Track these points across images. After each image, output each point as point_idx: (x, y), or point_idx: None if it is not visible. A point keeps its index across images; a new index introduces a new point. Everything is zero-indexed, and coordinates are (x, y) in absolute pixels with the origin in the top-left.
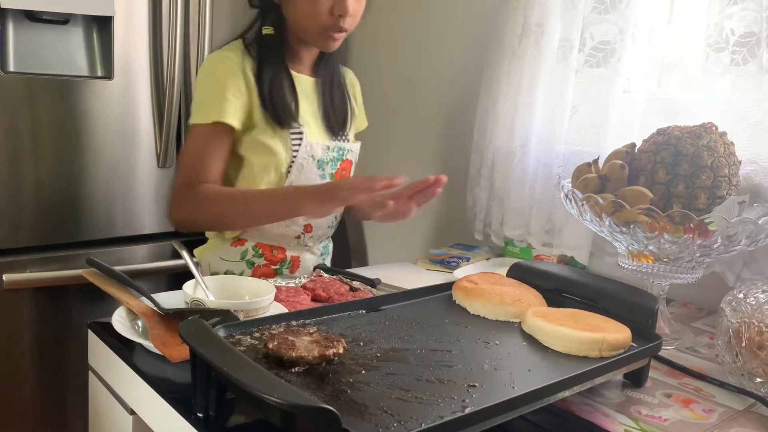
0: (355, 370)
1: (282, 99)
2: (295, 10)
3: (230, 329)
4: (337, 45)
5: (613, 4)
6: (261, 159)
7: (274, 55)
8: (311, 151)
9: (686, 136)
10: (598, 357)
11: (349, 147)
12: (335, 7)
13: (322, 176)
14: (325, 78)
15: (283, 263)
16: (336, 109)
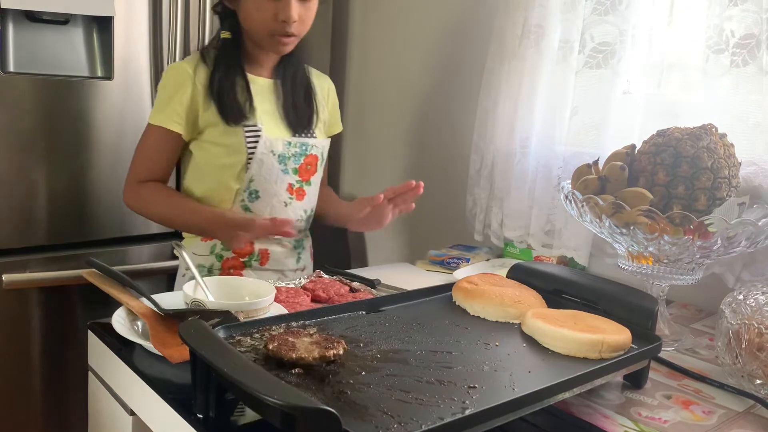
0: (355, 371)
1: (232, 98)
2: (246, 16)
3: (230, 330)
4: (288, 49)
5: (613, 6)
6: (216, 158)
7: (230, 58)
8: (270, 147)
9: (686, 138)
10: (598, 358)
11: (313, 143)
12: (279, 13)
13: (284, 171)
14: (286, 79)
15: (251, 256)
16: (298, 107)
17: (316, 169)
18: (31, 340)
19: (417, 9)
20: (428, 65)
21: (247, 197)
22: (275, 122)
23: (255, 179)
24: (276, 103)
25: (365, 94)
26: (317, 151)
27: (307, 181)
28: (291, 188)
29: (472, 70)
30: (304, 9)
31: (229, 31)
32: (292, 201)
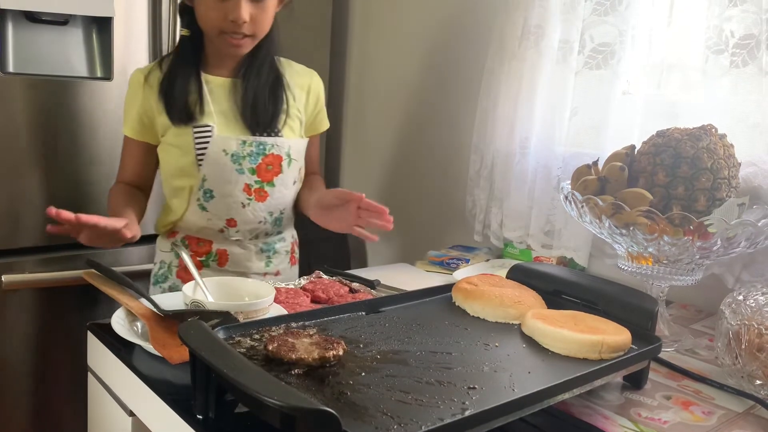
0: (355, 372)
1: (179, 99)
2: (199, 15)
3: (230, 331)
4: (242, 50)
5: (612, 6)
6: (171, 159)
7: (186, 57)
8: (223, 146)
9: (686, 138)
10: (597, 359)
11: (274, 142)
12: (229, 13)
13: (239, 170)
14: (248, 77)
15: (209, 256)
16: (259, 106)
17: (280, 169)
18: (29, 340)
19: (416, 10)
20: (428, 66)
21: (202, 196)
22: (231, 122)
23: (208, 178)
24: (234, 102)
25: (365, 95)
26: (280, 150)
27: (269, 182)
28: (249, 189)
29: (471, 71)
30: (258, 9)
31: (188, 28)
32: (251, 202)
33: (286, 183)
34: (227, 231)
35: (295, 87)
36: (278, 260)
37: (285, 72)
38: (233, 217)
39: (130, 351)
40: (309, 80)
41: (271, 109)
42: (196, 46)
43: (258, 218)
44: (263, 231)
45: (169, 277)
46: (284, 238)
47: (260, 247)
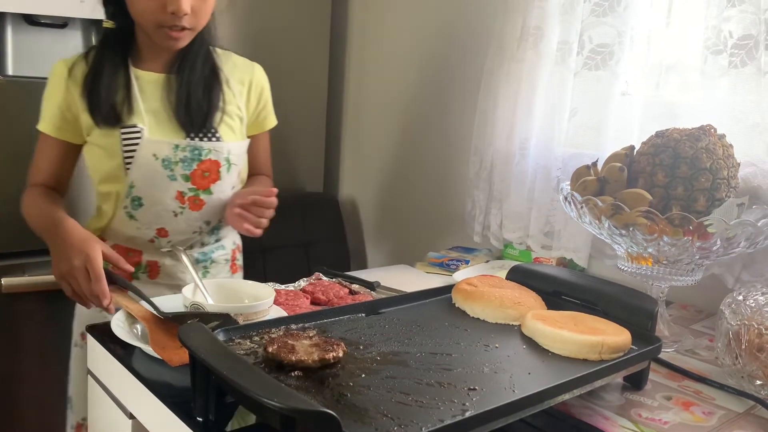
0: (355, 373)
1: (105, 98)
2: (132, 5)
3: (230, 333)
4: (181, 44)
5: (611, 7)
6: (97, 162)
7: (112, 52)
8: (154, 150)
9: (685, 139)
10: (598, 360)
11: (211, 147)
12: (168, 4)
13: (171, 177)
14: (182, 72)
15: (139, 267)
16: (192, 104)
17: (219, 176)
18: (29, 343)
19: (415, 11)
20: (427, 67)
21: (130, 204)
22: (163, 122)
23: (136, 185)
24: (166, 100)
25: (364, 97)
26: (218, 156)
27: (205, 190)
28: (182, 196)
29: (470, 72)
30: (199, 0)
31: (113, 20)
32: (184, 210)
33: (224, 190)
34: (158, 241)
35: (234, 82)
36: (216, 270)
37: (223, 65)
38: (164, 226)
39: (129, 353)
40: (250, 74)
41: (206, 107)
42: (124, 38)
43: (192, 228)
44: (198, 241)
45: None
46: (223, 246)
47: (195, 257)
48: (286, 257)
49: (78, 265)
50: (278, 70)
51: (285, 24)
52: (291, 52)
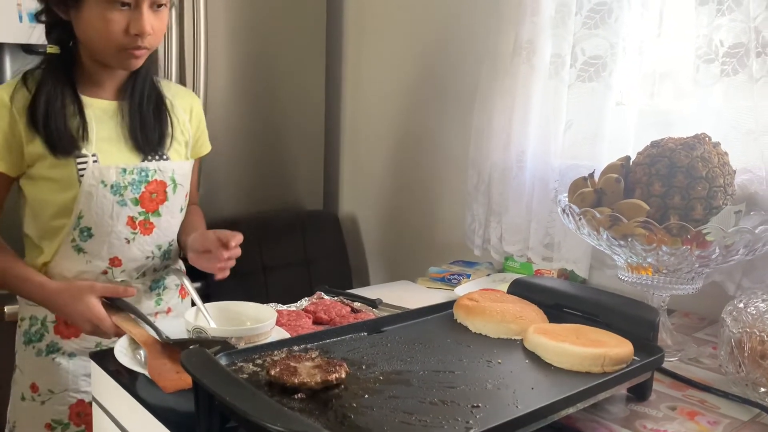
0: (358, 394)
1: (61, 126)
2: (86, 30)
3: (232, 357)
4: (139, 63)
5: (602, 20)
6: (46, 195)
7: (58, 78)
8: (101, 177)
9: (680, 148)
10: (600, 372)
11: (157, 167)
12: (131, 26)
13: (120, 203)
14: (133, 98)
15: None
16: (147, 128)
17: (165, 196)
18: None
19: (409, 28)
20: (423, 83)
21: (78, 236)
22: (116, 147)
23: (85, 215)
24: (119, 127)
25: (361, 114)
26: (164, 176)
27: (154, 212)
28: (133, 222)
29: (466, 87)
30: (157, 20)
31: (58, 44)
32: (136, 236)
33: (172, 211)
34: (111, 272)
35: (178, 108)
36: (168, 296)
37: (166, 92)
38: (117, 255)
39: (133, 379)
40: (190, 102)
41: (158, 130)
42: (68, 64)
43: (145, 253)
44: (151, 267)
45: (46, 335)
46: (176, 271)
47: (149, 285)
48: (288, 276)
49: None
50: (276, 89)
51: (282, 46)
52: (288, 71)
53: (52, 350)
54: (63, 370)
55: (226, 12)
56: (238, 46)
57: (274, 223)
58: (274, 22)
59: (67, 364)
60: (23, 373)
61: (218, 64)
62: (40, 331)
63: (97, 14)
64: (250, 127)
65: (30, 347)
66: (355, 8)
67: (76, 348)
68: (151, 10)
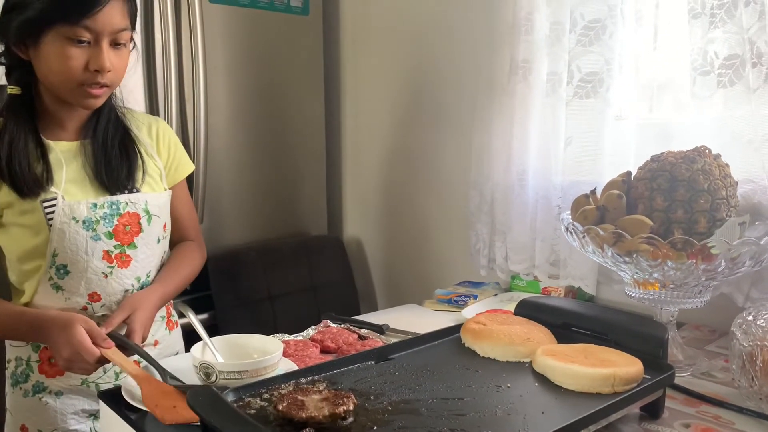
0: (367, 426)
1: (23, 168)
2: (46, 67)
3: (239, 392)
4: (99, 102)
5: (596, 36)
6: (19, 241)
7: (18, 120)
8: (71, 213)
9: (680, 162)
10: (611, 393)
11: (127, 199)
12: (91, 62)
13: (94, 237)
14: (96, 137)
15: None
16: (112, 165)
17: (140, 228)
18: None
19: (405, 50)
20: (421, 105)
21: (55, 274)
22: (82, 188)
23: (59, 253)
24: (84, 166)
25: (361, 137)
26: (136, 207)
27: (130, 244)
28: (108, 256)
29: (464, 108)
30: (117, 57)
31: (18, 85)
32: (113, 270)
33: (149, 243)
34: (91, 307)
35: (143, 137)
36: (154, 329)
37: (130, 123)
38: (95, 290)
39: (141, 418)
40: (155, 126)
41: (126, 167)
42: (28, 104)
43: (125, 286)
44: None
45: (31, 375)
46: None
47: None
48: (295, 303)
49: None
50: (276, 117)
51: (280, 74)
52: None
53: (38, 390)
54: (51, 409)
55: (223, 45)
56: (236, 77)
57: (280, 250)
58: (271, 51)
59: (55, 403)
60: (12, 415)
61: (218, 96)
62: (25, 372)
63: (56, 51)
64: (251, 156)
65: (17, 389)
66: (350, 34)
67: (62, 386)
68: (111, 47)
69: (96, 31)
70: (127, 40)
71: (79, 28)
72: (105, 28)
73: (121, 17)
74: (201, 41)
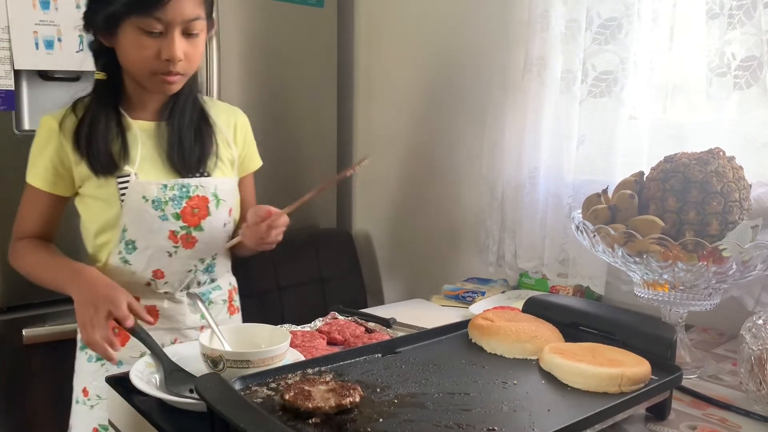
0: (373, 418)
1: (102, 148)
2: (124, 55)
3: (246, 381)
4: (174, 88)
5: (612, 35)
6: (94, 213)
7: (104, 102)
8: (143, 192)
9: (694, 163)
10: (618, 392)
11: (198, 183)
12: (162, 52)
13: (162, 217)
14: (172, 119)
15: None
16: (185, 148)
17: (208, 211)
18: (50, 394)
19: (420, 45)
20: (434, 100)
21: (123, 249)
22: (154, 166)
23: (129, 228)
24: (158, 147)
25: (372, 130)
26: (206, 191)
27: (196, 226)
28: (174, 236)
29: (477, 104)
30: (191, 46)
31: (104, 71)
32: (177, 249)
33: (215, 226)
34: (154, 283)
35: (222, 125)
36: (215, 311)
37: (210, 110)
38: (159, 267)
39: (149, 404)
40: (234, 117)
41: (198, 151)
42: (114, 88)
43: (187, 266)
44: (195, 280)
45: None
46: (219, 287)
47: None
48: (303, 295)
49: (102, 310)
50: (288, 108)
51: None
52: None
53: (100, 356)
54: None
55: (237, 35)
56: (250, 68)
57: (289, 242)
58: (285, 43)
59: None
60: (78, 378)
61: (231, 86)
62: None
63: (131, 41)
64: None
65: (83, 353)
66: (365, 28)
67: (122, 356)
68: (183, 36)
69: (166, 21)
70: (201, 29)
71: (150, 19)
72: (175, 19)
73: (192, 7)
74: (215, 37)
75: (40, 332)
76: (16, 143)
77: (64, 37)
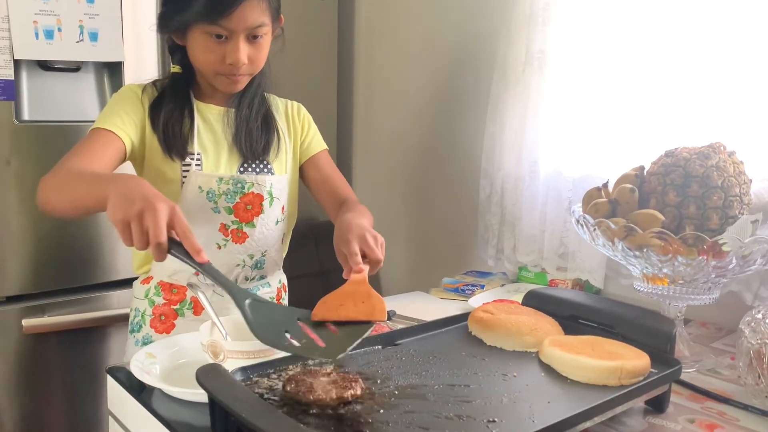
0: (374, 409)
1: (175, 132)
2: (194, 56)
3: (247, 372)
4: (240, 86)
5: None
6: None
7: (177, 92)
8: (197, 182)
9: (695, 157)
10: (617, 385)
11: (254, 180)
12: (227, 56)
13: (215, 209)
14: (241, 107)
15: (183, 303)
16: (253, 134)
17: (261, 209)
18: (51, 384)
19: (421, 38)
20: (435, 93)
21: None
22: (216, 153)
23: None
24: (226, 131)
25: (372, 123)
26: (261, 189)
27: (248, 222)
28: (225, 229)
29: (478, 98)
30: (255, 49)
31: (180, 65)
32: (227, 243)
33: (267, 224)
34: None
35: (281, 120)
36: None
37: (270, 106)
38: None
39: (149, 394)
40: (294, 107)
41: (264, 140)
42: (188, 80)
43: (235, 261)
44: (242, 275)
45: (143, 326)
46: (269, 284)
47: None
48: (303, 288)
49: (151, 201)
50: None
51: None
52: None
53: (146, 341)
54: None
55: None
56: None
57: None
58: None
59: None
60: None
61: None
62: (140, 323)
63: (199, 44)
64: None
65: (132, 336)
66: (365, 20)
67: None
68: (248, 40)
69: (230, 28)
70: (266, 32)
71: (216, 26)
72: (239, 26)
73: (258, 14)
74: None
75: (41, 322)
76: (15, 133)
77: (64, 27)
